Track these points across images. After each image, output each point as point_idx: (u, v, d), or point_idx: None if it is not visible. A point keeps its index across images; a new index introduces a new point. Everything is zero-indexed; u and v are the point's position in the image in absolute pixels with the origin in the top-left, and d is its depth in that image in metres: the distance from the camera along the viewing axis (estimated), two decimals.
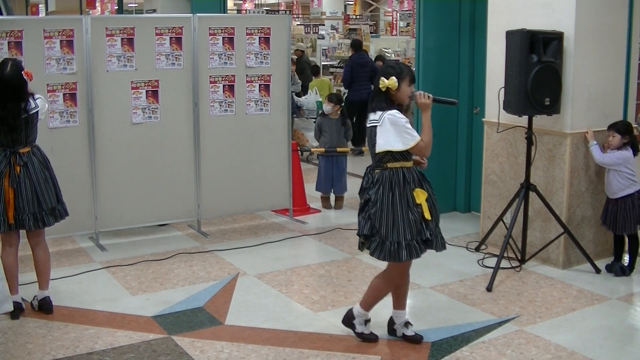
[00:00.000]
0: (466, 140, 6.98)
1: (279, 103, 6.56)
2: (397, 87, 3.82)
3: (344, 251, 5.93)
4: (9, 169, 4.31)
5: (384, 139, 3.81)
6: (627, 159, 5.14)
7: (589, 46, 5.27)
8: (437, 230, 3.96)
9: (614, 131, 5.17)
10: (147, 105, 6.00)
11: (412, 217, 3.83)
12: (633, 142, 5.20)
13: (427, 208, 3.87)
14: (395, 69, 3.90)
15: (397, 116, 3.81)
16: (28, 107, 4.35)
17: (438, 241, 3.95)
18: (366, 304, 4.13)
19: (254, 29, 6.35)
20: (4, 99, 4.23)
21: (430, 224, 3.90)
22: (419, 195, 3.85)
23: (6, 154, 4.31)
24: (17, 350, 4.03)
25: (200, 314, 4.59)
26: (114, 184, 5.98)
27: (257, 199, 6.66)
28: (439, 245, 3.95)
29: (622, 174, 5.13)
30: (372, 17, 24.42)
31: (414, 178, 3.89)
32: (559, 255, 5.43)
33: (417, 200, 3.85)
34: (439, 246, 3.96)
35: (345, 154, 7.44)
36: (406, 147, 3.80)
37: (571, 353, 4.01)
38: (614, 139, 5.17)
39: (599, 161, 5.21)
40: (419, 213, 3.85)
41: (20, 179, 4.34)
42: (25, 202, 4.36)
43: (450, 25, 6.93)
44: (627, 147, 5.17)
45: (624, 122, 5.28)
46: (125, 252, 5.86)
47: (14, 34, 5.41)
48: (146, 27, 5.93)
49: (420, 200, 3.85)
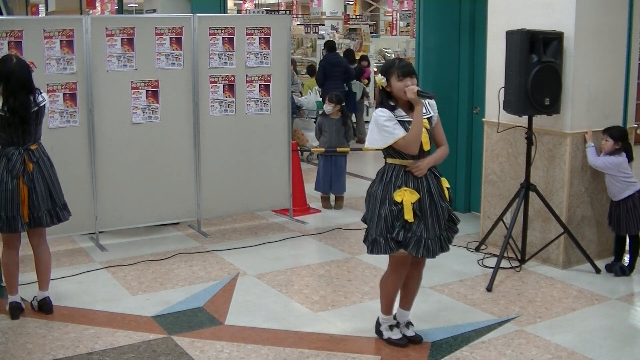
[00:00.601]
0: (466, 140, 6.99)
1: (279, 103, 6.56)
2: (389, 84, 3.81)
3: (344, 251, 5.93)
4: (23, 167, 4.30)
5: (369, 136, 3.87)
6: (619, 164, 5.13)
7: (589, 46, 5.27)
8: (427, 235, 3.79)
9: (608, 136, 5.16)
10: (147, 105, 6.01)
11: (384, 213, 3.77)
12: (627, 148, 5.18)
13: (409, 209, 3.75)
14: (385, 65, 3.91)
15: (379, 114, 3.80)
16: (37, 100, 4.35)
17: (420, 245, 3.77)
18: (383, 308, 4.12)
19: (254, 29, 6.35)
20: (13, 91, 4.22)
21: (414, 227, 3.77)
22: (402, 194, 3.76)
23: (19, 151, 4.29)
24: (17, 350, 4.03)
25: (200, 314, 4.59)
26: (114, 184, 5.98)
27: (257, 199, 6.66)
28: (418, 250, 3.77)
29: (617, 178, 5.14)
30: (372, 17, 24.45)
31: (408, 177, 3.80)
32: (559, 255, 5.43)
33: (396, 198, 3.77)
34: (419, 251, 3.77)
35: (345, 154, 7.44)
36: (385, 145, 3.78)
37: (571, 353, 4.01)
38: (607, 144, 5.16)
39: (592, 164, 5.21)
40: (396, 211, 3.77)
41: (34, 176, 4.34)
42: (41, 199, 4.36)
43: (450, 25, 6.93)
44: (621, 152, 5.15)
45: (618, 128, 5.25)
46: (125, 252, 5.86)
47: (14, 34, 5.41)
48: (146, 27, 5.93)
49: (400, 199, 3.76)
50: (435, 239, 3.84)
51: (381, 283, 4.09)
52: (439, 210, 3.87)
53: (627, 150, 5.19)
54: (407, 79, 3.77)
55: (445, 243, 3.93)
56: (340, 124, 7.42)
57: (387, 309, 4.12)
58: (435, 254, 3.86)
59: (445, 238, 3.93)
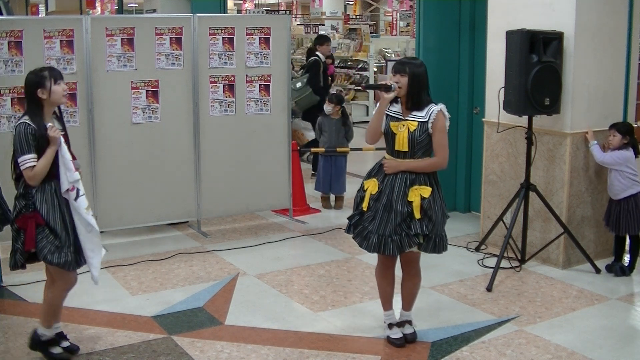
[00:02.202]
0: (466, 140, 6.99)
1: (279, 103, 6.56)
2: None
3: (344, 251, 5.93)
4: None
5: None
6: (628, 158, 5.14)
7: (589, 46, 5.27)
8: (371, 228, 3.85)
9: (615, 130, 5.17)
10: (147, 105, 6.00)
11: (357, 198, 4.01)
12: (634, 143, 5.20)
13: (366, 198, 3.90)
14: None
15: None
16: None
17: (362, 234, 3.91)
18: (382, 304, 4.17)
19: (254, 29, 6.35)
20: None
21: (365, 216, 3.90)
22: (368, 183, 3.96)
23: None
24: (17, 350, 4.03)
25: (200, 314, 4.59)
26: (114, 184, 5.98)
27: (257, 199, 6.66)
28: (362, 240, 3.92)
29: (623, 174, 5.13)
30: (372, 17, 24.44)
31: (380, 171, 3.94)
32: (559, 255, 5.43)
33: (364, 185, 3.98)
34: (362, 241, 3.92)
35: (345, 154, 7.44)
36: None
37: (571, 353, 4.01)
38: (615, 139, 5.17)
39: (600, 160, 5.21)
40: (359, 198, 3.99)
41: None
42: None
43: (450, 25, 6.93)
44: (628, 147, 5.17)
45: (625, 123, 5.28)
46: (125, 252, 5.85)
47: (14, 34, 5.41)
48: (146, 27, 5.93)
49: (366, 187, 3.95)
50: (382, 236, 3.83)
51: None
52: (391, 212, 3.83)
53: (634, 145, 5.19)
54: (396, 75, 3.90)
55: (388, 243, 3.84)
56: (341, 124, 7.42)
57: (383, 304, 4.17)
58: (374, 250, 3.88)
59: (398, 242, 3.84)
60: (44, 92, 3.70)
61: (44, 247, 3.69)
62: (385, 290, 4.12)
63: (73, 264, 3.80)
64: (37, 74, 3.73)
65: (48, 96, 3.71)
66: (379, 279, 4.13)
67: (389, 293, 4.13)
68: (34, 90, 3.71)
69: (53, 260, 3.70)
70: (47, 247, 3.69)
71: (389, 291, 4.12)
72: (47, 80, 3.70)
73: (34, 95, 3.71)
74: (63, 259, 3.72)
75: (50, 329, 3.92)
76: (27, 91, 3.75)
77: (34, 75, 3.73)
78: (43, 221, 3.69)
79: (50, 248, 3.69)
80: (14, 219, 3.76)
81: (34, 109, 3.72)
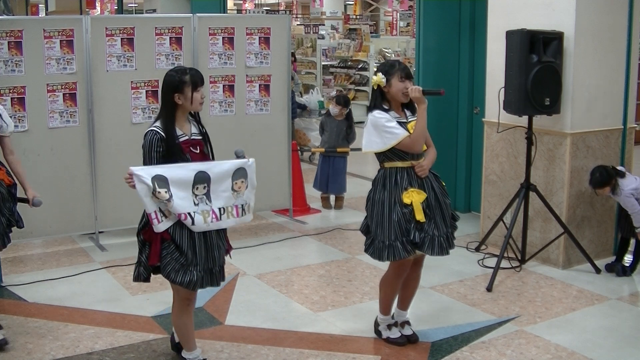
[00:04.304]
0: (466, 140, 6.98)
1: (279, 103, 6.56)
2: (389, 84, 3.80)
3: (344, 251, 5.93)
4: None
5: (367, 139, 3.84)
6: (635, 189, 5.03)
7: (589, 46, 5.27)
8: (438, 233, 3.81)
9: (600, 189, 5.13)
10: (147, 105, 6.00)
11: (396, 217, 3.75)
12: (614, 185, 5.08)
13: (419, 209, 3.76)
14: (385, 65, 3.88)
15: (378, 117, 3.78)
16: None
17: (434, 244, 3.79)
18: (381, 308, 4.13)
19: (254, 29, 6.35)
20: None
21: (426, 226, 3.79)
22: (410, 196, 3.77)
23: None
24: (17, 350, 4.03)
25: (200, 314, 4.59)
26: (114, 184, 5.96)
27: (257, 199, 6.60)
28: (433, 249, 3.79)
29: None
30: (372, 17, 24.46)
31: (411, 178, 3.81)
32: (559, 255, 5.43)
33: (405, 201, 3.77)
34: (434, 250, 3.79)
35: (344, 154, 7.44)
36: (387, 147, 3.75)
37: (571, 353, 4.01)
38: (603, 191, 5.15)
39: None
40: (408, 213, 3.77)
41: None
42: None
43: (450, 25, 6.93)
44: (617, 188, 5.07)
45: (595, 177, 5.15)
46: (125, 252, 5.85)
47: (14, 34, 5.41)
48: (146, 27, 5.93)
49: (409, 201, 3.76)
50: (444, 237, 3.86)
51: (381, 284, 4.09)
52: (443, 207, 3.88)
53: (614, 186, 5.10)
54: (407, 81, 3.81)
55: (451, 241, 3.93)
56: (343, 125, 7.41)
57: (386, 310, 4.13)
58: (446, 252, 3.86)
59: (451, 235, 3.93)
60: (181, 98, 3.48)
61: (168, 264, 3.50)
62: (395, 296, 4.09)
63: (198, 284, 3.54)
64: (178, 77, 3.47)
65: (184, 102, 3.49)
66: (395, 285, 4.01)
67: (395, 297, 4.12)
68: (171, 94, 3.48)
69: (177, 279, 3.50)
70: (171, 264, 3.50)
71: (395, 295, 4.11)
72: (187, 87, 3.46)
73: (170, 98, 3.48)
74: (188, 277, 3.49)
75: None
76: (164, 92, 3.51)
77: (175, 78, 3.48)
78: (169, 236, 3.50)
79: (174, 266, 3.49)
80: (140, 229, 3.62)
81: (166, 113, 3.51)
